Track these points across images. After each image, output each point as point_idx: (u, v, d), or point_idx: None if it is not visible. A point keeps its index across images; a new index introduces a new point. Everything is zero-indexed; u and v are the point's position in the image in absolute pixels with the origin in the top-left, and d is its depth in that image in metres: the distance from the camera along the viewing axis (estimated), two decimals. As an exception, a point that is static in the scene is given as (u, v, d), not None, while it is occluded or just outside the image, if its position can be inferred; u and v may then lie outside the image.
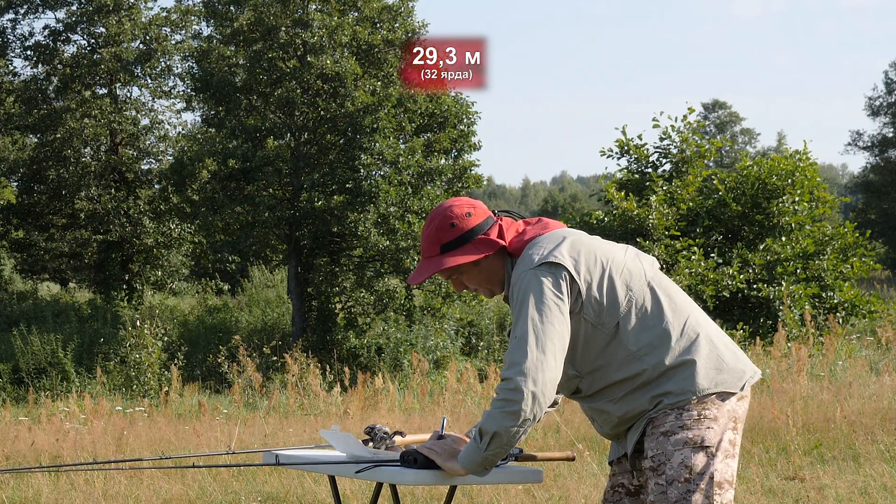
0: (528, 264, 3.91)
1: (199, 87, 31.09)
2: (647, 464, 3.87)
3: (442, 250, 4.03)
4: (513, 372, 3.80)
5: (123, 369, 21.53)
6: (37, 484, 9.15)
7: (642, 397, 3.90)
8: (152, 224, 34.55)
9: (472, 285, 4.08)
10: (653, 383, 3.89)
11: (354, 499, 8.13)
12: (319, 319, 29.74)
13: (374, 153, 28.73)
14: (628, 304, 3.92)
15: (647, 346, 3.90)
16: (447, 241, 4.02)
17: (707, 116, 72.49)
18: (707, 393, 3.87)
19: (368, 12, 30.51)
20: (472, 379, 14.60)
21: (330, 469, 4.57)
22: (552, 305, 3.85)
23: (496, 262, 4.04)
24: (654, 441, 3.86)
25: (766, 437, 9.78)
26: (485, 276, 4.07)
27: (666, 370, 3.89)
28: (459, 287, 4.12)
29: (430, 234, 4.06)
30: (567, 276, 3.88)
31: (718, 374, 3.91)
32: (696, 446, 3.83)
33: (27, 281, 36.81)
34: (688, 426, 3.84)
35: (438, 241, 4.04)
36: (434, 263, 4.03)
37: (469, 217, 4.04)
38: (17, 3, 34.53)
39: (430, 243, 4.06)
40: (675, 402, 3.87)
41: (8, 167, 33.39)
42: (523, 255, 3.97)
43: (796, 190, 21.16)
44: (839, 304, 20.45)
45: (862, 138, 55.35)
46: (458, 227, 4.02)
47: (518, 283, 3.90)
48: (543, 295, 3.85)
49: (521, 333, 3.83)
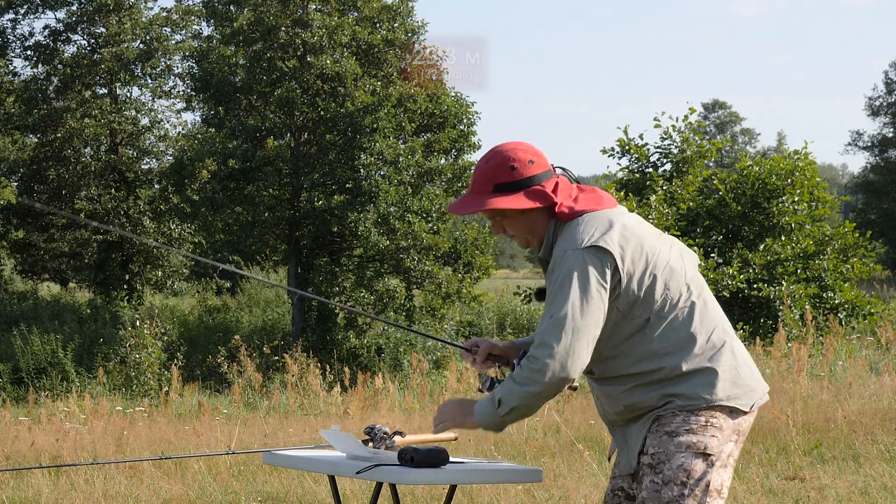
0: (576, 243, 3.86)
1: (199, 87, 31.09)
2: (646, 459, 3.86)
3: (494, 189, 3.95)
4: (543, 353, 3.78)
5: (123, 369, 21.53)
6: (37, 484, 9.15)
7: (652, 393, 3.88)
8: (152, 224, 34.55)
9: (512, 231, 4.00)
10: (666, 383, 3.87)
11: (354, 499, 8.13)
12: (319, 319, 29.74)
13: (374, 153, 28.72)
14: (663, 302, 3.89)
15: (671, 346, 3.88)
16: (502, 182, 3.95)
17: (707, 116, 72.50)
18: (719, 404, 3.86)
19: (368, 12, 30.51)
20: (472, 379, 14.59)
21: (330, 469, 4.57)
22: (594, 293, 3.81)
23: (542, 216, 3.98)
24: (658, 439, 3.85)
25: (766, 437, 9.77)
26: (527, 227, 4.00)
27: (683, 374, 3.87)
28: (498, 229, 4.05)
29: (487, 169, 3.98)
30: (612, 265, 3.83)
31: (733, 388, 3.89)
32: (697, 452, 3.82)
33: (27, 281, 36.80)
34: (693, 430, 3.83)
35: (493, 180, 3.96)
36: (482, 201, 3.96)
37: (531, 165, 3.96)
38: (17, 3, 34.52)
39: (484, 179, 3.98)
40: (685, 405, 3.85)
41: (8, 167, 33.38)
42: (572, 227, 3.91)
43: (796, 190, 21.15)
44: (839, 305, 20.45)
45: (862, 138, 55.38)
46: (518, 172, 3.95)
47: (563, 258, 3.85)
48: (588, 281, 3.81)
49: (558, 315, 3.79)
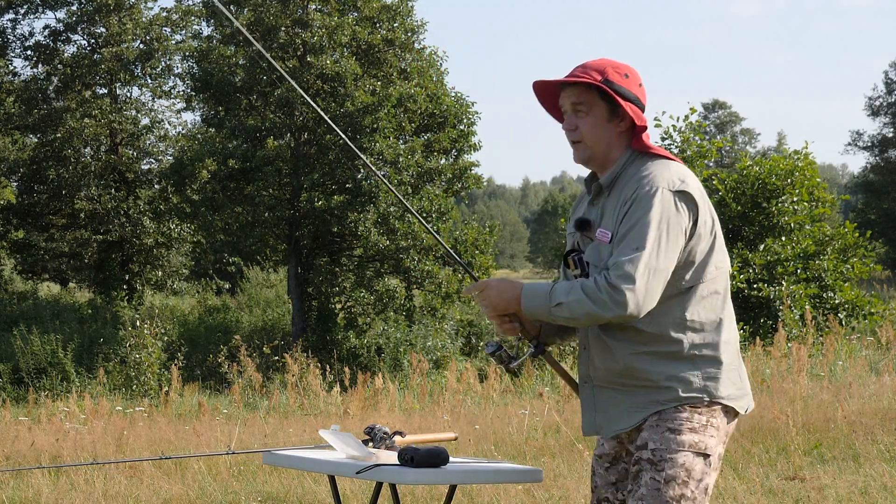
0: (666, 183, 3.76)
1: (199, 87, 31.10)
2: (646, 455, 3.79)
3: (603, 82, 3.84)
4: (627, 285, 3.66)
5: (123, 369, 21.53)
6: (37, 484, 9.15)
7: (660, 367, 3.78)
8: (152, 224, 34.55)
9: (583, 133, 3.86)
10: (678, 361, 3.78)
11: (354, 499, 8.13)
12: (319, 319, 29.75)
13: (374, 153, 28.72)
14: (711, 278, 3.84)
15: (699, 324, 3.81)
16: (612, 80, 3.84)
17: (707, 116, 72.53)
18: (720, 402, 3.82)
19: (368, 12, 30.52)
20: (472, 379, 14.60)
21: (330, 469, 4.57)
22: (677, 236, 3.73)
23: (621, 140, 3.87)
24: (659, 435, 3.78)
25: (766, 437, 9.77)
26: (603, 139, 3.86)
27: (697, 356, 3.79)
28: (571, 124, 3.88)
29: (602, 64, 3.88)
30: (694, 217, 3.77)
31: (735, 389, 3.86)
32: (698, 452, 3.78)
33: (27, 281, 36.81)
34: (696, 429, 3.79)
35: (605, 74, 3.84)
36: (588, 79, 3.84)
37: (640, 88, 3.91)
38: (18, 3, 34.53)
39: (596, 68, 3.86)
40: (687, 399, 3.78)
41: (8, 167, 33.38)
42: (656, 165, 3.81)
43: (796, 190, 21.15)
44: (840, 305, 20.44)
45: (862, 138, 55.39)
46: (629, 82, 3.87)
47: (652, 194, 3.72)
48: (677, 223, 3.73)
49: (644, 250, 3.68)
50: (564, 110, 3.91)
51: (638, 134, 3.86)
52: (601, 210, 3.88)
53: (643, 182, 3.77)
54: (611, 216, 3.82)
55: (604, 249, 3.80)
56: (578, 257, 3.90)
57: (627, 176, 3.83)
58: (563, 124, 3.92)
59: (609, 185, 3.87)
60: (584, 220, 3.91)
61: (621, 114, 3.85)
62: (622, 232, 3.74)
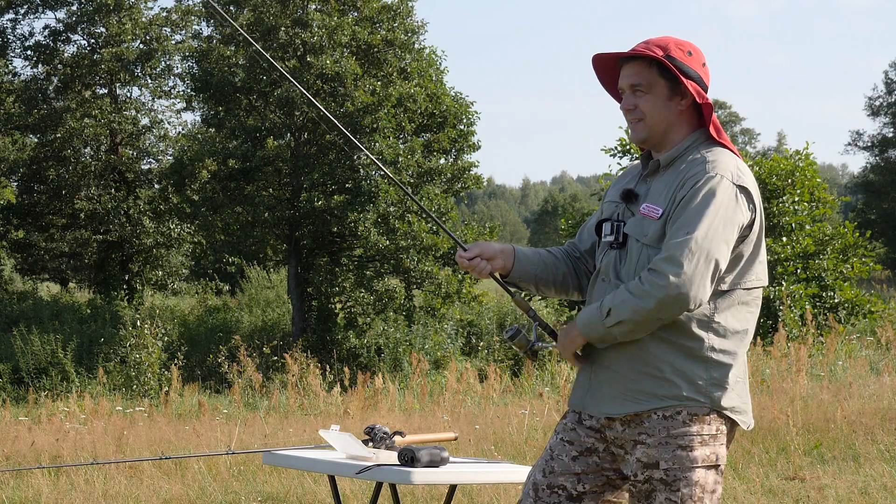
0: (730, 174, 3.67)
1: (199, 87, 31.10)
2: (658, 475, 3.70)
3: (665, 58, 3.75)
4: (671, 269, 3.56)
5: (123, 369, 21.55)
6: (37, 484, 9.15)
7: (670, 360, 3.69)
8: (152, 224, 34.55)
9: (643, 113, 3.77)
10: (692, 359, 3.69)
11: (354, 499, 8.13)
12: (319, 319, 29.75)
13: (374, 153, 28.74)
14: (749, 287, 3.76)
15: (724, 329, 3.72)
16: (674, 56, 3.75)
17: (707, 116, 72.49)
18: (725, 413, 3.74)
19: (368, 12, 30.53)
20: (472, 379, 14.60)
21: (330, 469, 4.57)
22: (734, 230, 3.64)
23: (683, 119, 3.79)
24: (671, 453, 3.69)
25: (766, 437, 9.77)
26: (664, 118, 3.77)
27: (710, 359, 3.70)
28: (629, 103, 3.79)
29: (664, 40, 3.79)
30: (751, 216, 3.70)
31: (740, 402, 3.79)
32: (710, 465, 3.72)
33: (27, 281, 36.83)
34: (706, 442, 3.71)
35: (667, 49, 3.76)
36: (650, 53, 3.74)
37: (703, 66, 3.80)
38: (17, 3, 34.53)
39: (659, 44, 3.77)
40: (687, 401, 3.69)
41: (8, 167, 33.39)
42: (723, 154, 3.73)
43: (796, 190, 21.16)
44: (839, 304, 20.45)
45: (862, 138, 55.37)
46: (691, 61, 3.77)
47: (716, 181, 3.64)
48: (736, 216, 3.64)
49: (696, 235, 3.58)
50: (622, 89, 3.83)
51: (710, 116, 3.77)
52: (650, 186, 3.80)
53: (707, 167, 3.68)
54: (662, 193, 3.73)
55: (647, 225, 3.72)
56: (618, 224, 3.80)
57: (689, 158, 3.75)
58: (622, 104, 3.84)
59: (667, 164, 3.79)
60: (633, 192, 3.83)
61: (682, 91, 3.76)
62: (677, 213, 3.66)
